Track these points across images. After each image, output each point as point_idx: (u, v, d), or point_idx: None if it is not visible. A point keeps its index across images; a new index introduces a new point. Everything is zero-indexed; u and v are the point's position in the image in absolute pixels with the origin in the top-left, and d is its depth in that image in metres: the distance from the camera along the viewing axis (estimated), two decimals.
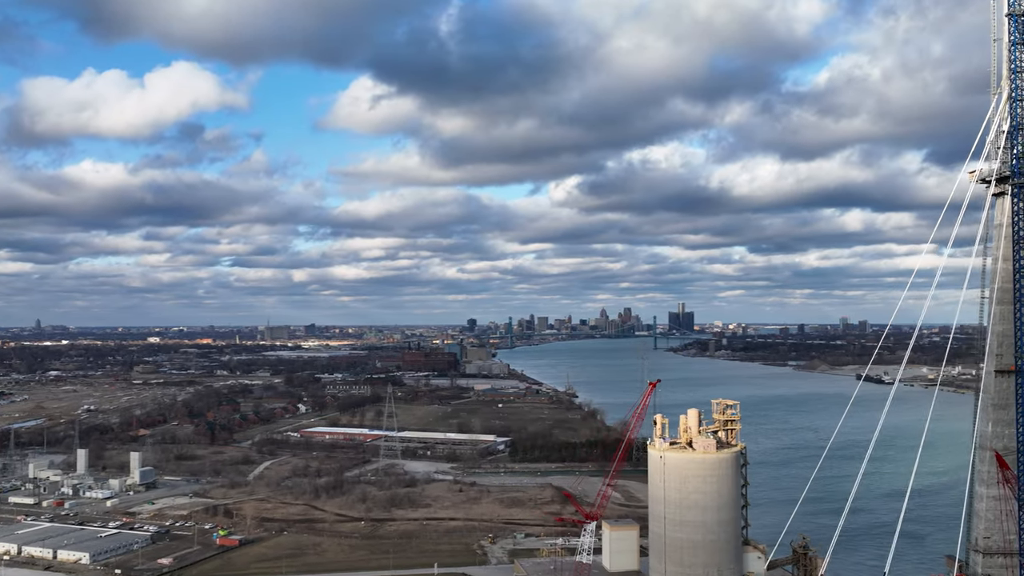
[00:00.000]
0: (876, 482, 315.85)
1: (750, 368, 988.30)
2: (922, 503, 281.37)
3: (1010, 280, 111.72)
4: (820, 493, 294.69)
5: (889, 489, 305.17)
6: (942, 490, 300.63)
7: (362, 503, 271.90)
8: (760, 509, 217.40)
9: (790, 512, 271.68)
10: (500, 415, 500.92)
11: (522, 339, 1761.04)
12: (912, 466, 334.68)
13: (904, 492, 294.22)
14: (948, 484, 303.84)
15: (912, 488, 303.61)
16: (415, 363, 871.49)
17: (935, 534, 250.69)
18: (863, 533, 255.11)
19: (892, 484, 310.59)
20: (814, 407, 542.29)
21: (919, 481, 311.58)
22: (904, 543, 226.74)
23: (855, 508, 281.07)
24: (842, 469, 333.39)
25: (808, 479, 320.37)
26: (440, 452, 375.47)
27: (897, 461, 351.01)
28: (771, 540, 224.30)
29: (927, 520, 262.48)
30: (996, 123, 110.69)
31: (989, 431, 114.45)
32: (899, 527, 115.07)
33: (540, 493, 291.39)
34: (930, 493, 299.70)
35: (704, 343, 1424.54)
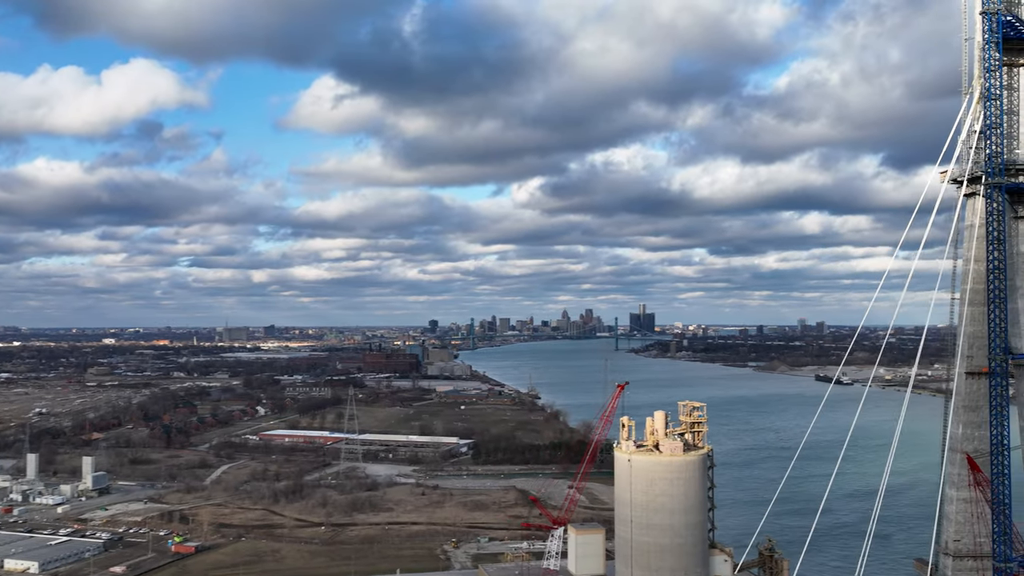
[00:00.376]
0: (838, 482, 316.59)
1: (711, 369, 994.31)
2: (885, 503, 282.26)
3: (982, 281, 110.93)
4: (784, 494, 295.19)
5: (851, 489, 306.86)
6: (903, 490, 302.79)
7: (322, 508, 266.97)
8: (724, 510, 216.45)
9: (754, 513, 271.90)
10: (463, 417, 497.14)
11: (484, 340, 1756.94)
12: (873, 466, 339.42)
13: (866, 492, 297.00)
14: (909, 484, 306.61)
15: (876, 488, 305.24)
16: (376, 365, 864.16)
17: (898, 534, 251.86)
18: (825, 534, 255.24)
19: (854, 484, 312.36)
20: (775, 408, 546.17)
21: (895, 481, 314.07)
22: (871, 543, 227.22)
23: (825, 508, 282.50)
24: (805, 469, 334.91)
25: (770, 480, 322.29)
26: (402, 455, 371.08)
27: (859, 461, 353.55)
28: (736, 542, 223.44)
29: (890, 520, 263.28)
30: (968, 123, 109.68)
31: (960, 433, 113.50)
32: (872, 528, 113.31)
33: (504, 496, 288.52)
34: (893, 493, 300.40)
35: (665, 344, 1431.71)
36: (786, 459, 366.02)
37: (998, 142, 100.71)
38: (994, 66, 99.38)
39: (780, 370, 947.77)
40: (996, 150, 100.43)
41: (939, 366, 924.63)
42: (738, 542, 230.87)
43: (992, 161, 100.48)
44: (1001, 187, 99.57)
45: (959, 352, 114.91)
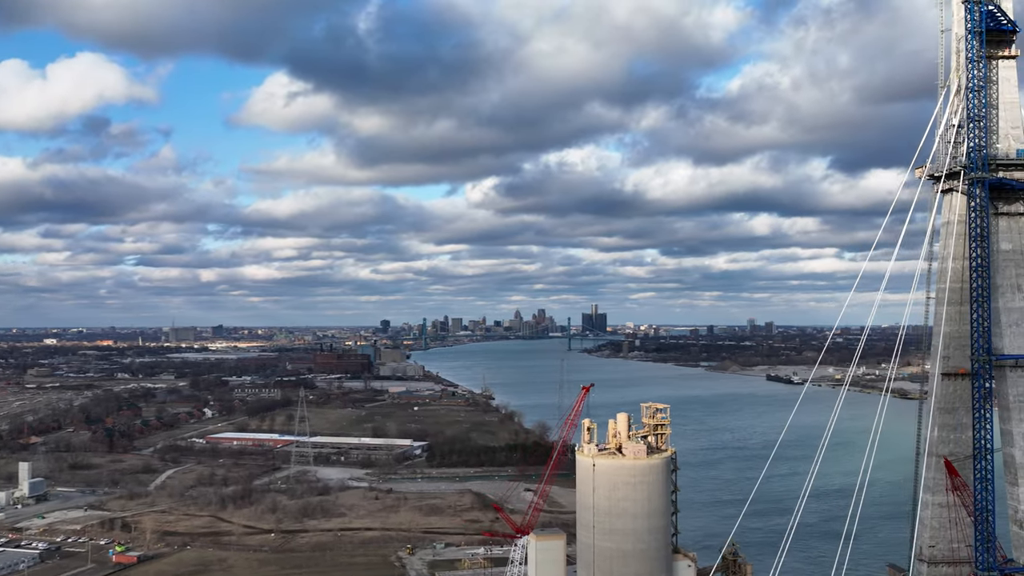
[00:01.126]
0: (797, 482, 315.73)
1: (664, 369, 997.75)
2: (844, 503, 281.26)
3: (959, 280, 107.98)
4: (744, 495, 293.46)
5: (815, 488, 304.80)
6: (872, 485, 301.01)
7: (272, 514, 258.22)
8: (683, 512, 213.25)
9: (713, 514, 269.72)
10: (416, 418, 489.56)
11: (436, 340, 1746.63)
12: (832, 465, 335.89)
13: (825, 492, 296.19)
14: (870, 483, 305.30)
15: (838, 488, 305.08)
16: (327, 365, 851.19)
17: (864, 535, 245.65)
18: (798, 535, 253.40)
19: (814, 483, 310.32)
20: (729, 408, 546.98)
21: (842, 480, 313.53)
22: (832, 545, 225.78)
23: (780, 509, 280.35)
24: (767, 469, 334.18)
25: (728, 480, 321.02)
26: (354, 458, 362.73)
27: (829, 460, 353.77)
28: (696, 544, 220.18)
29: (863, 518, 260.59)
30: (946, 117, 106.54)
31: (936, 436, 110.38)
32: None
33: (459, 500, 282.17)
34: (849, 494, 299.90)
35: (618, 344, 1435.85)
36: (743, 459, 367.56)
37: (981, 136, 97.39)
38: (978, 57, 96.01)
39: (731, 370, 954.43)
40: (979, 144, 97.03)
41: (885, 366, 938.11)
42: (699, 543, 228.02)
43: (975, 155, 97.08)
44: (984, 182, 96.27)
45: (934, 353, 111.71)
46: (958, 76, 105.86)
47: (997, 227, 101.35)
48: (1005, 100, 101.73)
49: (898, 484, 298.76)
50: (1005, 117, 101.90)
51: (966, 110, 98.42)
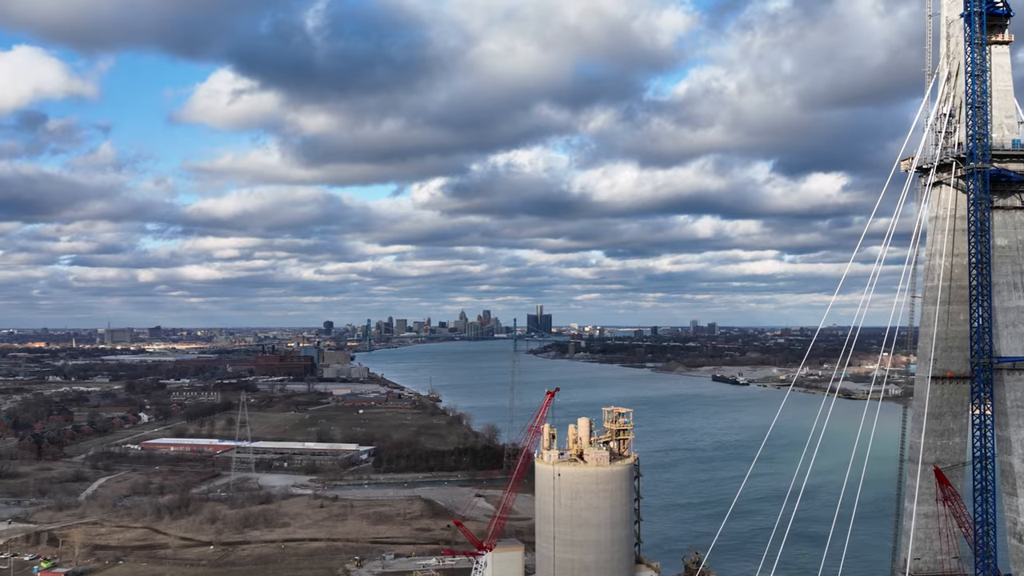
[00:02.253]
0: (760, 483, 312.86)
1: (610, 370, 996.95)
2: (812, 505, 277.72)
3: (948, 278, 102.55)
4: (704, 497, 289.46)
5: (773, 490, 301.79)
6: (823, 487, 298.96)
7: (211, 524, 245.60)
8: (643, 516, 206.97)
9: (671, 519, 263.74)
10: (361, 422, 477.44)
11: (381, 342, 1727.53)
12: (791, 466, 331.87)
13: (785, 493, 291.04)
14: (821, 484, 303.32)
15: (800, 489, 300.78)
16: (269, 367, 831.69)
17: (836, 538, 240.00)
18: (750, 539, 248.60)
19: (775, 484, 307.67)
20: (679, 409, 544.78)
21: (809, 482, 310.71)
22: (801, 548, 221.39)
23: (741, 511, 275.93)
24: (724, 471, 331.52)
25: (685, 483, 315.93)
26: (298, 463, 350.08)
27: (778, 461, 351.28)
28: (656, 548, 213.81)
29: (823, 520, 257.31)
30: (936, 106, 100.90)
31: (922, 443, 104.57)
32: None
33: (409, 507, 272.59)
34: (816, 494, 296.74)
35: (563, 345, 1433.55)
36: (698, 461, 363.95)
37: (982, 123, 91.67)
38: (979, 40, 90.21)
39: (677, 370, 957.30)
40: (980, 132, 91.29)
41: (828, 366, 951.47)
42: (658, 548, 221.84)
43: (975, 144, 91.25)
44: (984, 173, 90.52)
45: (920, 355, 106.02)
46: (948, 62, 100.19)
47: (992, 222, 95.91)
48: (998, 88, 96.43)
49: (861, 485, 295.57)
50: (999, 106, 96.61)
51: (965, 96, 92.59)
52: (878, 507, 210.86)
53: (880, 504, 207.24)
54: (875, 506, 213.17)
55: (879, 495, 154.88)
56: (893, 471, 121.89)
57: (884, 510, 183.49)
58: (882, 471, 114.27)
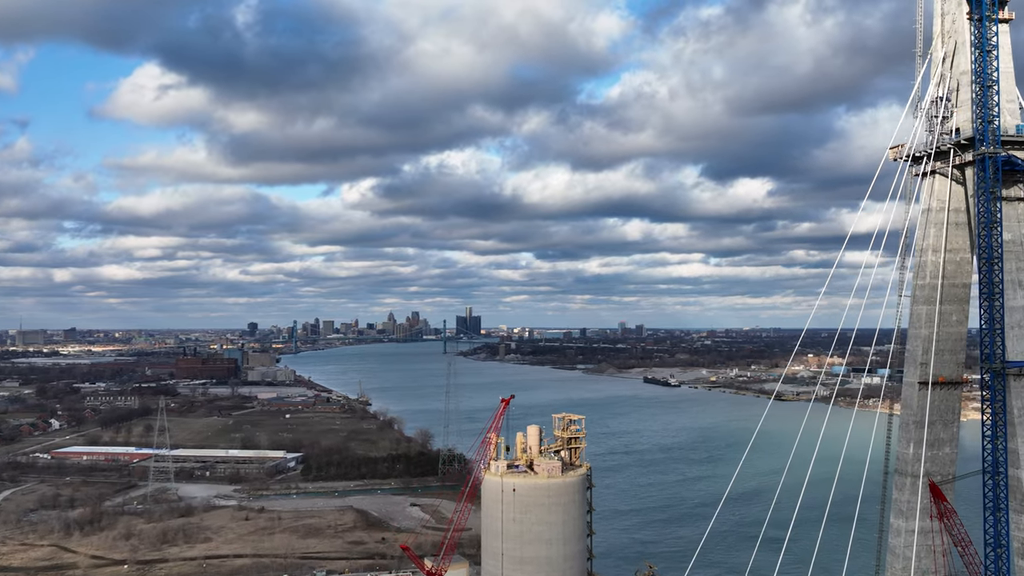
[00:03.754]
0: (711, 486, 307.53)
1: (542, 372, 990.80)
2: (757, 507, 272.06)
3: (939, 276, 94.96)
4: (659, 501, 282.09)
5: (739, 491, 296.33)
6: (770, 490, 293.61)
7: (126, 541, 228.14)
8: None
9: (619, 526, 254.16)
10: (288, 427, 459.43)
11: (307, 344, 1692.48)
12: (736, 468, 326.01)
13: (738, 495, 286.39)
14: (784, 484, 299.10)
15: (748, 491, 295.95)
16: (191, 370, 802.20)
17: (800, 540, 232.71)
18: (706, 543, 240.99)
19: (723, 488, 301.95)
20: (618, 410, 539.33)
21: (748, 484, 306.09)
22: (759, 553, 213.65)
23: (691, 516, 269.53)
24: (677, 474, 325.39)
25: (635, 486, 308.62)
26: (221, 472, 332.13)
27: (725, 462, 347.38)
28: (603, 560, 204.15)
29: (781, 523, 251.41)
30: (931, 88, 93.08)
31: (910, 454, 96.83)
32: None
33: (340, 518, 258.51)
34: (762, 495, 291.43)
35: (494, 347, 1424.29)
36: (643, 465, 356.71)
37: (993, 104, 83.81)
38: (989, 12, 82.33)
39: (609, 372, 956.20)
40: (991, 113, 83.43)
41: (756, 367, 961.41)
42: (609, 556, 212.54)
43: (987, 127, 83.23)
44: (996, 159, 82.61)
45: (908, 358, 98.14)
46: (943, 41, 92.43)
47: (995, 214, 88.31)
48: (1001, 70, 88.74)
49: (813, 486, 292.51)
50: (1000, 89, 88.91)
51: (974, 75, 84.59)
52: (833, 511, 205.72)
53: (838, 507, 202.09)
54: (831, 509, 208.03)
55: (830, 498, 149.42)
56: (839, 471, 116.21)
57: (839, 513, 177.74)
58: (828, 472, 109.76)
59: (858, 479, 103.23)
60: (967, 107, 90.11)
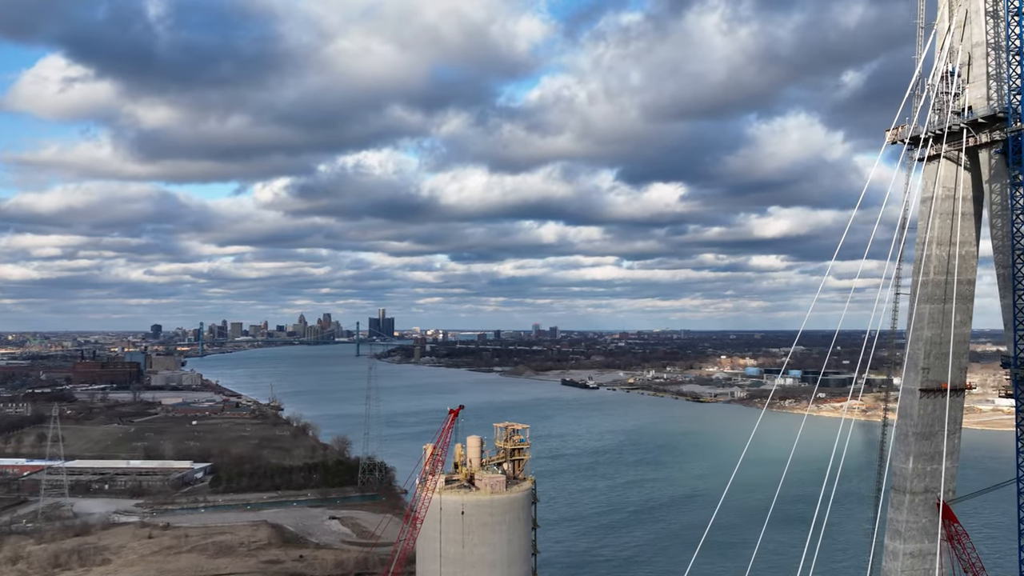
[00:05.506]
0: (646, 489, 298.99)
1: (459, 374, 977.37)
2: (709, 512, 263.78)
3: (943, 271, 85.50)
4: (598, 508, 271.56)
5: (670, 495, 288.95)
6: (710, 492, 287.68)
7: (12, 565, 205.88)
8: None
9: (560, 535, 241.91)
10: (195, 434, 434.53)
11: (214, 346, 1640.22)
12: (675, 470, 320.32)
13: (682, 497, 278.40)
14: (719, 487, 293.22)
15: (688, 493, 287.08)
16: (89, 374, 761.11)
17: (750, 542, 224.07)
18: (650, 545, 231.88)
19: (669, 490, 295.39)
20: (542, 413, 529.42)
21: (689, 486, 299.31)
22: (711, 556, 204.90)
23: (635, 520, 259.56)
24: (608, 479, 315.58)
25: (575, 491, 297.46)
26: (122, 485, 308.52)
27: (660, 465, 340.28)
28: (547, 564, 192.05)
29: (727, 527, 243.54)
30: (939, 64, 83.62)
31: (910, 469, 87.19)
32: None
33: (254, 534, 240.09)
34: (703, 498, 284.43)
35: (408, 349, 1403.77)
36: (578, 470, 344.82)
37: (1019, 74, 74.40)
38: None
39: (526, 375, 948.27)
40: (1018, 85, 74.03)
41: (671, 369, 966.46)
42: (551, 563, 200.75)
43: (1012, 99, 73.71)
44: (1020, 136, 73.19)
45: (908, 363, 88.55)
46: (952, 11, 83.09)
47: (1016, 201, 79.27)
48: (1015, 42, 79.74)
49: (757, 488, 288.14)
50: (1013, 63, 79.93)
51: (1008, 43, 75.15)
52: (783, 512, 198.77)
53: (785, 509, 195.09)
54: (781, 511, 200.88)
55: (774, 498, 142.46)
56: (778, 473, 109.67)
57: (789, 514, 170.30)
58: (768, 473, 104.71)
59: (799, 481, 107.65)
60: (982, 82, 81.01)
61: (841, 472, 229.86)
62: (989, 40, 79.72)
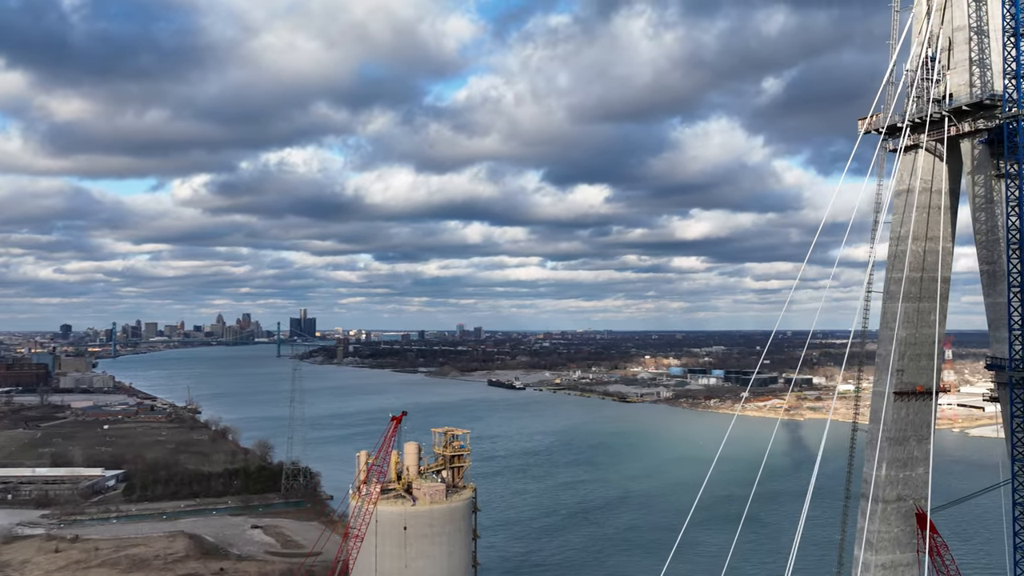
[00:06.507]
0: (583, 490, 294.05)
1: (384, 375, 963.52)
2: (646, 514, 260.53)
3: (920, 267, 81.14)
4: (535, 511, 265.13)
5: (604, 496, 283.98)
6: (644, 493, 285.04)
7: None
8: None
9: (495, 540, 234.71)
10: (107, 439, 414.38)
11: (128, 347, 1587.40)
12: (611, 471, 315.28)
13: (617, 499, 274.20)
14: (652, 488, 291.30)
15: (623, 494, 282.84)
16: None
17: (699, 543, 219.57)
18: (585, 548, 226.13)
19: (603, 492, 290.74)
20: (472, 414, 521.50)
21: (623, 487, 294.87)
22: (656, 560, 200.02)
23: (574, 522, 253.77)
24: (545, 480, 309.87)
25: (511, 493, 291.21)
26: (26, 495, 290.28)
27: (595, 466, 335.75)
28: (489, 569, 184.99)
29: (664, 527, 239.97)
30: (918, 49, 79.24)
31: (883, 476, 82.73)
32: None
33: (170, 545, 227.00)
34: (636, 499, 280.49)
35: (331, 350, 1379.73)
36: (515, 472, 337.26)
37: (1014, 56, 70.04)
38: None
39: (452, 375, 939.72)
40: (1012, 69, 69.68)
41: (597, 369, 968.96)
42: (489, 569, 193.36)
43: (1019, 84, 69.24)
44: (1019, 125, 68.76)
45: (879, 365, 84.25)
46: None
47: (1000, 194, 75.23)
48: (997, 27, 75.87)
49: (687, 487, 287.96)
50: (997, 49, 76.02)
51: (1005, 23, 70.67)
52: (720, 512, 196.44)
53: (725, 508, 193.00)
54: (717, 511, 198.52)
55: (693, 501, 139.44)
56: (715, 472, 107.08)
57: (734, 513, 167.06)
58: (704, 473, 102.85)
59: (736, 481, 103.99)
60: (964, 68, 76.96)
61: (775, 471, 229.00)
62: (972, 24, 75.63)
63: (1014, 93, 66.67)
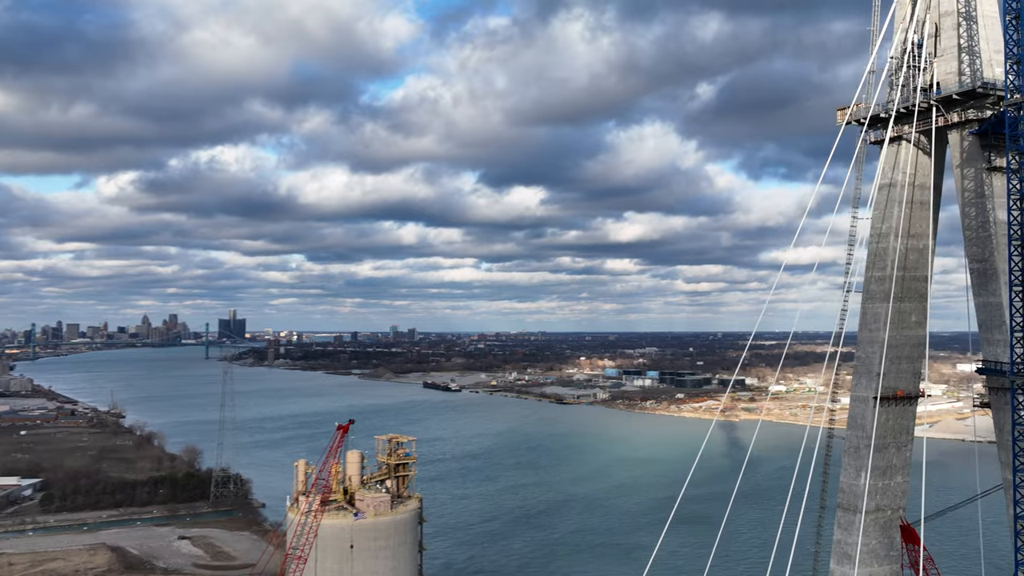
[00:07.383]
0: (528, 493, 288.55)
1: (316, 378, 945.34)
2: (588, 517, 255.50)
3: (903, 266, 77.04)
4: (480, 514, 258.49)
5: (546, 500, 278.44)
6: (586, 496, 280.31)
7: None
8: None
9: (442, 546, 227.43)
10: (24, 446, 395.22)
11: (48, 349, 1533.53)
12: (555, 473, 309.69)
13: (568, 500, 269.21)
14: (594, 490, 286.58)
15: (574, 495, 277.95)
16: None
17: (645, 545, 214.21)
18: (540, 549, 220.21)
19: (545, 495, 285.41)
20: (411, 417, 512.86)
21: (564, 491, 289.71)
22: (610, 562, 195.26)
23: (525, 526, 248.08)
24: (490, 484, 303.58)
25: (446, 500, 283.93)
26: None
27: (538, 468, 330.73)
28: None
29: (622, 530, 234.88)
30: (905, 34, 75.15)
31: (862, 484, 78.44)
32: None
33: (91, 559, 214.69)
34: (579, 502, 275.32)
35: (261, 352, 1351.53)
36: (460, 475, 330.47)
37: (1016, 40, 66.06)
38: None
39: (386, 377, 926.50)
40: (1015, 53, 65.68)
41: (532, 371, 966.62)
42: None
43: (1008, 71, 65.23)
44: (1019, 116, 64.81)
45: (858, 368, 79.98)
46: None
47: (992, 188, 71.38)
48: (985, 13, 72.22)
49: (629, 489, 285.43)
50: (986, 36, 72.52)
51: (1003, 4, 66.76)
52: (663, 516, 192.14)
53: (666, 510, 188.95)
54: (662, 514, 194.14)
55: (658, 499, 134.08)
56: (655, 473, 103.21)
57: (666, 517, 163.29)
58: (645, 474, 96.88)
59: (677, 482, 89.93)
60: (952, 55, 73.05)
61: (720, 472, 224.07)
62: (960, 9, 71.73)
63: (1015, 79, 62.83)
